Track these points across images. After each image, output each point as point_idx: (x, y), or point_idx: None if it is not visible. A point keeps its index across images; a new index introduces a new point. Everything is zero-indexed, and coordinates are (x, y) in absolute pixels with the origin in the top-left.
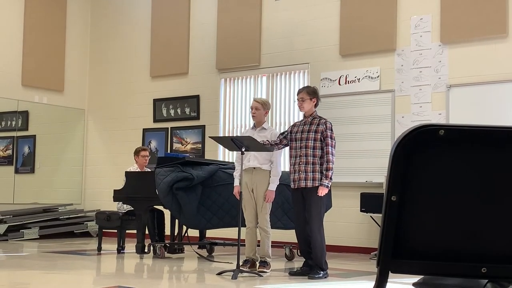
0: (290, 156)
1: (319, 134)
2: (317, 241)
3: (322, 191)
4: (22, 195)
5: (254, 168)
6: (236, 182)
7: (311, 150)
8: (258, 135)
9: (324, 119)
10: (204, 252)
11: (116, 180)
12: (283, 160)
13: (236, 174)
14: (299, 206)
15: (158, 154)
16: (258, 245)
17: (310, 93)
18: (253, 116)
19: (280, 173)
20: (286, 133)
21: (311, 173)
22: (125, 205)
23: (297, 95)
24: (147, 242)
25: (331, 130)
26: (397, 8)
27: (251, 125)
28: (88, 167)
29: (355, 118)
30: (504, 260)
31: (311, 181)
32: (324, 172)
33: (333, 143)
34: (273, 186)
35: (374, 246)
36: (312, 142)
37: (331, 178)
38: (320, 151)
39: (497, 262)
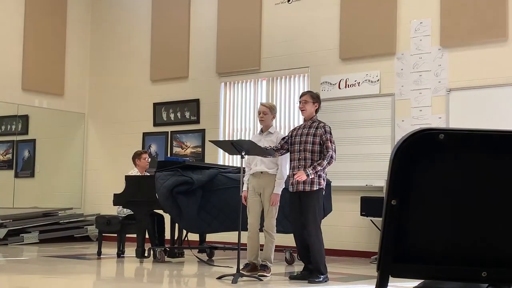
0: (290, 160)
1: (317, 138)
2: (315, 245)
3: (299, 175)
4: (22, 199)
5: (262, 172)
6: (245, 187)
7: (310, 154)
8: (265, 140)
9: (323, 123)
10: (204, 256)
11: (116, 184)
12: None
13: (245, 179)
14: (296, 210)
15: (158, 158)
16: (261, 249)
17: (313, 97)
18: (261, 121)
19: (285, 176)
20: (286, 137)
21: (309, 177)
22: (125, 209)
23: (300, 97)
24: (147, 246)
25: (330, 133)
26: (397, 12)
27: (258, 130)
28: (88, 171)
29: (355, 122)
30: (505, 264)
31: (309, 185)
32: (315, 164)
33: (334, 147)
34: (278, 189)
35: (374, 250)
36: (311, 146)
37: (317, 172)
38: (318, 155)
39: (497, 266)
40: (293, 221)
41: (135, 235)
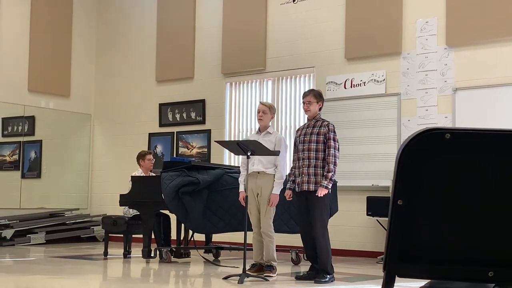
0: (294, 160)
1: (321, 136)
2: (321, 245)
3: (321, 192)
4: (28, 200)
5: (259, 172)
6: (241, 188)
7: (314, 153)
8: (263, 140)
9: (327, 121)
10: (210, 257)
11: (122, 184)
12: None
13: (241, 179)
14: (303, 210)
15: (164, 159)
16: None
17: (316, 96)
18: (259, 120)
19: (284, 177)
20: (295, 142)
21: (314, 177)
22: (131, 210)
23: (303, 98)
24: (153, 246)
25: (334, 132)
26: (402, 11)
27: (256, 129)
28: (94, 171)
29: (361, 122)
30: (511, 264)
31: (314, 185)
32: (325, 173)
33: (336, 145)
34: (277, 190)
35: (381, 250)
36: (315, 145)
37: (331, 180)
38: (323, 153)
39: (504, 266)
40: (299, 221)
41: (141, 236)
